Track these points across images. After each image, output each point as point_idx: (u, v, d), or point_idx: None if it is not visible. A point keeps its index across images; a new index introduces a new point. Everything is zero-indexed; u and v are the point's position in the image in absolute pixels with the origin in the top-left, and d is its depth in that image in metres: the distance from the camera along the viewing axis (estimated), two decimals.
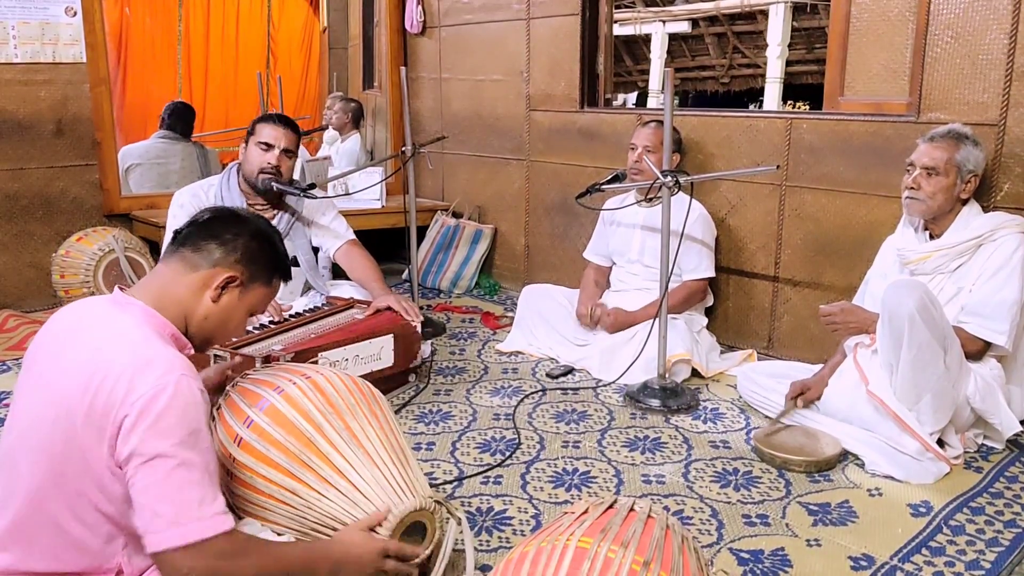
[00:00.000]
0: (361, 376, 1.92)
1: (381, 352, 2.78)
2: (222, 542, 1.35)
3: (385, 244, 4.44)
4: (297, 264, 3.17)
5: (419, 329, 2.93)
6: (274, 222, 3.05)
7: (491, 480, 2.30)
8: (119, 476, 1.37)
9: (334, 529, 1.60)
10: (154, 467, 1.33)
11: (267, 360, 2.40)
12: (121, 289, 1.55)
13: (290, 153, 3.03)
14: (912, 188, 2.47)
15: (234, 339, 2.59)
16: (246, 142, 3.04)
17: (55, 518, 1.40)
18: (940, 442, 2.36)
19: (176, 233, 1.63)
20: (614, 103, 4.24)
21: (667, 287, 2.81)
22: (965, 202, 2.51)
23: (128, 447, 1.33)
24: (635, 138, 3.24)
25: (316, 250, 3.26)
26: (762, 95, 8.99)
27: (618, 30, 9.68)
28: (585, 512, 1.39)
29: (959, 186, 2.47)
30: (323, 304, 3.05)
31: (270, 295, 1.70)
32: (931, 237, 2.55)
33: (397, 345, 2.82)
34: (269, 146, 2.99)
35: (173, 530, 1.32)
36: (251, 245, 1.61)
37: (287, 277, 1.73)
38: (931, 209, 2.48)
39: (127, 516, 1.40)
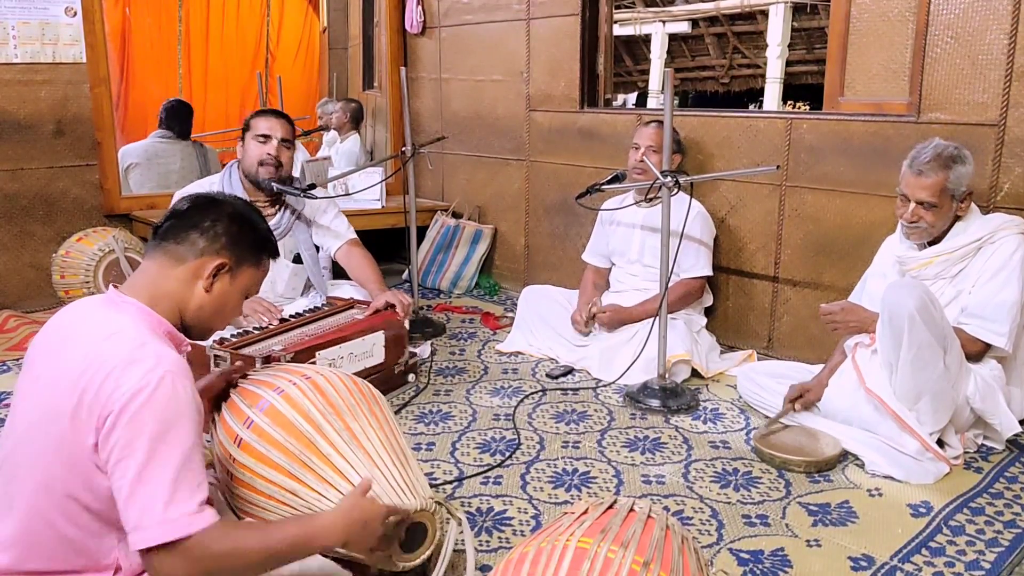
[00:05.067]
0: (355, 373, 1.92)
1: (373, 349, 2.79)
2: (196, 542, 1.31)
3: (385, 244, 4.44)
4: (300, 261, 3.17)
5: (406, 324, 2.94)
6: (275, 219, 3.06)
7: (491, 480, 2.30)
8: (103, 472, 1.36)
9: None
10: (126, 466, 1.31)
11: (267, 360, 2.40)
12: (115, 287, 1.54)
13: (287, 143, 3.05)
14: (912, 221, 2.46)
15: (235, 340, 2.60)
16: (242, 139, 3.06)
17: (50, 518, 1.40)
18: (940, 442, 2.36)
19: (156, 227, 1.60)
20: (614, 103, 4.24)
21: (667, 287, 2.81)
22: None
23: (109, 444, 1.33)
24: (638, 137, 3.23)
25: (317, 248, 3.26)
26: (762, 95, 8.99)
27: (618, 30, 9.68)
28: (585, 512, 1.39)
29: (955, 206, 2.44)
30: (323, 304, 3.05)
31: (261, 275, 1.68)
32: (930, 244, 2.54)
33: (387, 341, 2.83)
34: (267, 137, 3.01)
35: (137, 533, 1.30)
36: (233, 229, 1.59)
37: (275, 254, 1.71)
38: (933, 234, 2.47)
39: (117, 512, 1.40)
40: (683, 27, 9.71)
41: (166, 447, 1.33)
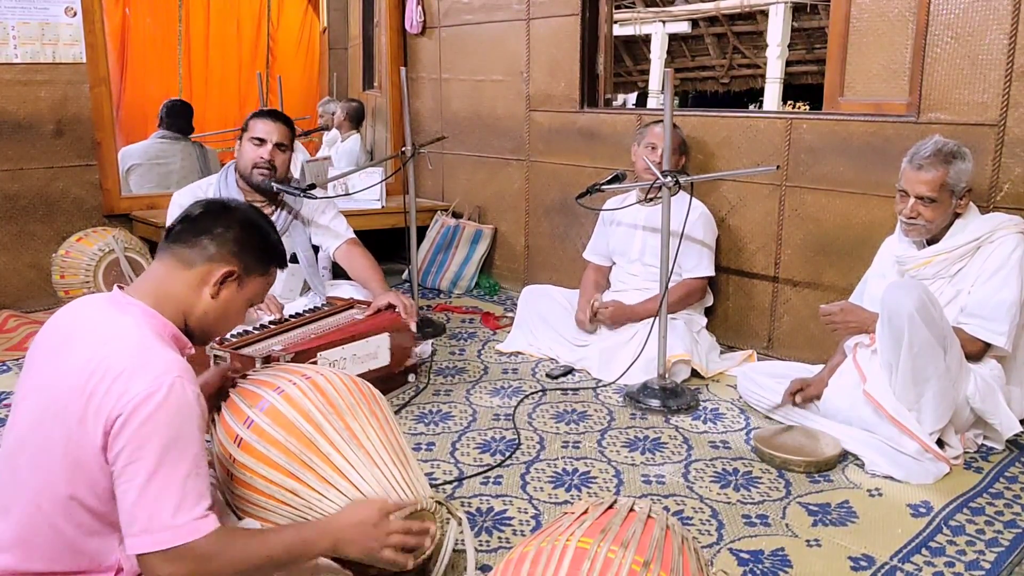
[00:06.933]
0: (359, 375, 1.92)
1: (378, 351, 2.78)
2: (198, 546, 1.33)
3: (385, 244, 4.44)
4: (296, 261, 3.17)
5: (413, 327, 2.93)
6: (272, 219, 3.06)
7: (491, 480, 2.30)
8: (108, 475, 1.37)
9: None
10: (135, 470, 1.32)
11: (267, 360, 2.40)
12: (120, 288, 1.55)
13: (283, 147, 3.03)
14: (911, 217, 2.46)
15: (235, 340, 2.60)
16: (240, 139, 3.06)
17: (51, 519, 1.40)
18: (940, 442, 2.36)
19: (168, 230, 1.61)
20: (614, 103, 4.24)
21: (667, 286, 2.81)
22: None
23: (116, 447, 1.33)
24: (651, 137, 3.17)
25: (316, 249, 3.26)
26: (762, 95, 8.99)
27: (618, 30, 9.67)
28: (585, 512, 1.39)
29: (955, 203, 2.44)
30: (323, 304, 3.05)
31: (268, 284, 1.68)
32: (929, 243, 2.54)
33: (393, 343, 2.83)
34: (262, 141, 2.99)
35: (144, 537, 1.32)
36: (243, 237, 1.60)
37: (283, 264, 1.71)
38: (932, 231, 2.46)
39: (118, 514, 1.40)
40: (683, 27, 9.71)
41: (176, 453, 1.34)
